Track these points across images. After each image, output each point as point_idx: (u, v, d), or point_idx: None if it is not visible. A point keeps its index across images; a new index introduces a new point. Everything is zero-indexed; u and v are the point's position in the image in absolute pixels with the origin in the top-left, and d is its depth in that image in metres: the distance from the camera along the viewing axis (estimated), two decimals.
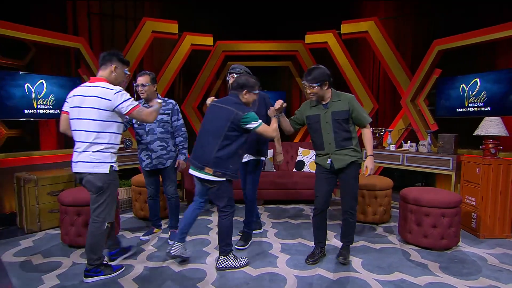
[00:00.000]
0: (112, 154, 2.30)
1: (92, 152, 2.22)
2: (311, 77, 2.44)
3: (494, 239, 3.20)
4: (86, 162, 2.23)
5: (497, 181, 3.19)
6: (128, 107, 2.26)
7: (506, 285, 2.34)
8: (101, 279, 2.37)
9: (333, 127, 2.50)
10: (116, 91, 2.25)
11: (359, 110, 2.52)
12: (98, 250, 2.36)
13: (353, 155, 2.53)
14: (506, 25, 3.67)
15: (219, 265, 2.53)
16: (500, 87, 3.76)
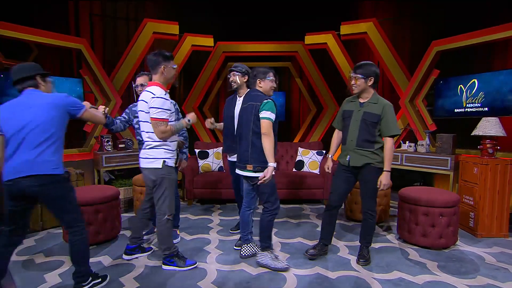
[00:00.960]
0: (165, 150, 2.38)
1: (147, 149, 2.39)
2: (360, 69, 2.50)
3: (491, 238, 3.20)
4: (143, 158, 2.42)
5: (495, 181, 3.19)
6: (151, 115, 2.29)
7: (503, 283, 2.34)
8: (174, 270, 2.50)
9: (360, 127, 2.51)
10: (154, 96, 2.29)
11: (389, 119, 2.48)
12: (165, 241, 2.50)
13: (371, 157, 2.50)
14: (503, 26, 3.67)
15: (259, 260, 2.57)
16: (497, 88, 3.76)
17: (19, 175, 1.88)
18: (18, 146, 1.91)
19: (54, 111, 1.97)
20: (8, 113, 1.96)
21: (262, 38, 5.78)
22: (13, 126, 1.93)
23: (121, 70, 4.75)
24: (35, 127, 1.92)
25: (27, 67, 2.04)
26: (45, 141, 1.94)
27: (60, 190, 2.00)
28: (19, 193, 1.93)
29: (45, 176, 1.91)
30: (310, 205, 4.40)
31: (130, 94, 5.41)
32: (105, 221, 3.00)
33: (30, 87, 2.01)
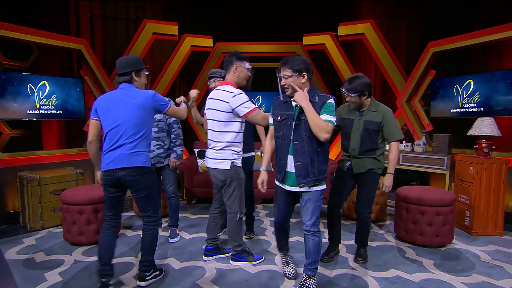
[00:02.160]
0: (233, 152, 2.42)
1: (216, 150, 2.43)
2: (351, 86, 2.41)
3: (487, 237, 3.21)
4: (212, 159, 2.46)
5: (490, 180, 3.20)
6: (245, 111, 2.33)
7: (498, 281, 2.35)
8: (244, 264, 2.57)
9: (362, 136, 2.46)
10: (234, 94, 2.33)
11: (390, 125, 2.44)
12: (236, 238, 2.57)
13: (373, 163, 2.49)
14: (498, 27, 3.69)
15: None
16: (493, 88, 3.77)
17: (116, 167, 2.07)
18: (116, 141, 2.08)
19: (144, 110, 2.12)
20: (105, 107, 2.14)
21: (261, 38, 5.78)
22: (110, 121, 2.11)
23: None
24: (129, 125, 2.08)
25: (125, 63, 2.17)
26: (138, 137, 2.10)
27: (148, 181, 2.17)
28: (116, 182, 2.10)
29: (137, 168, 2.09)
30: None
31: None
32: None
33: (125, 82, 2.17)
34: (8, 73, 3.80)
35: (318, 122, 1.95)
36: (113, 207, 2.21)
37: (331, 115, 2.02)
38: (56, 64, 4.65)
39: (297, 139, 2.05)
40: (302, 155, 2.04)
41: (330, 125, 1.98)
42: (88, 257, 2.72)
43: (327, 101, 2.05)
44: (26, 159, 3.77)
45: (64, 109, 4.10)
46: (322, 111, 2.02)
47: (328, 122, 1.98)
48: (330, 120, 1.99)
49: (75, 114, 4.22)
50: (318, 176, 2.05)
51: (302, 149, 2.04)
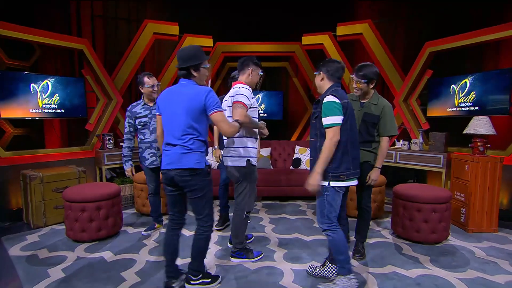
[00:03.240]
0: (248, 149, 2.47)
1: (232, 147, 2.48)
2: (362, 73, 2.42)
3: (481, 233, 3.23)
4: (228, 156, 2.50)
5: (485, 178, 3.21)
6: (235, 98, 2.35)
7: (492, 276, 2.37)
8: (244, 261, 2.58)
9: (359, 127, 2.48)
10: (243, 86, 2.41)
11: (387, 119, 2.44)
12: (239, 235, 2.58)
13: (368, 156, 2.49)
14: (493, 28, 3.69)
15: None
16: (488, 88, 3.78)
17: (169, 167, 1.99)
18: (170, 140, 2.01)
19: (198, 102, 1.96)
20: (165, 102, 2.06)
21: (260, 38, 5.78)
22: (166, 118, 2.05)
23: (122, 70, 4.73)
24: (181, 123, 1.97)
25: (183, 57, 2.02)
26: (192, 136, 1.98)
27: (202, 183, 2.02)
28: (171, 181, 2.03)
29: (189, 169, 1.97)
30: (307, 201, 4.41)
31: (131, 93, 5.40)
32: (107, 217, 3.00)
33: (184, 77, 2.06)
34: (10, 72, 3.79)
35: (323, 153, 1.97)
36: (174, 206, 2.12)
37: (330, 115, 1.97)
38: (58, 63, 4.64)
39: (313, 137, 2.15)
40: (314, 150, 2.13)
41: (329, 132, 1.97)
42: (90, 254, 2.73)
43: (323, 100, 2.02)
44: (29, 157, 3.77)
45: (66, 108, 4.10)
46: (322, 113, 2.01)
47: (329, 126, 1.97)
48: (331, 123, 1.97)
49: (77, 113, 4.22)
50: None
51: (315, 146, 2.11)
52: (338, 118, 1.97)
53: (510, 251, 2.82)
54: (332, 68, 2.10)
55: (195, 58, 2.02)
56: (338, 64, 2.12)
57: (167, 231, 2.14)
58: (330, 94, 2.01)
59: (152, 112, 3.07)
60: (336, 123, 1.97)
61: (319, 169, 1.98)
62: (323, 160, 1.97)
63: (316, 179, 1.99)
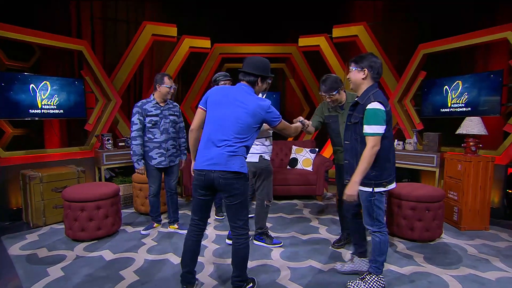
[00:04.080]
0: (260, 147, 2.66)
1: None
2: (327, 87, 2.45)
3: (474, 231, 3.25)
4: None
5: (477, 177, 3.24)
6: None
7: (483, 273, 2.39)
8: (263, 245, 2.83)
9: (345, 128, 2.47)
10: None
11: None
12: (259, 221, 2.84)
13: None
14: (485, 31, 3.73)
15: None
16: (479, 89, 3.81)
17: (212, 168, 1.86)
18: (216, 140, 1.88)
19: (253, 119, 1.90)
20: (217, 100, 1.95)
21: (258, 40, 5.79)
22: (215, 117, 1.92)
23: (121, 71, 4.72)
24: (233, 128, 1.87)
25: (256, 64, 1.95)
26: (239, 141, 1.89)
27: (243, 188, 1.93)
28: (209, 183, 1.89)
29: (233, 173, 1.86)
30: (304, 201, 4.42)
31: (129, 94, 5.39)
32: (106, 217, 3.00)
33: (247, 83, 1.97)
34: (10, 73, 3.77)
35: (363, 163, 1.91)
36: (200, 211, 2.00)
37: (373, 124, 1.88)
38: (57, 64, 4.62)
39: (348, 139, 2.13)
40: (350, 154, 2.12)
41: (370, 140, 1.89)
42: (90, 253, 2.72)
43: (366, 107, 1.92)
44: (28, 157, 3.75)
45: (66, 108, 4.08)
46: (364, 121, 1.94)
47: (371, 135, 1.89)
48: (373, 133, 1.89)
49: (76, 113, 4.20)
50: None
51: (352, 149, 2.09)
52: (381, 128, 1.89)
53: (501, 248, 2.85)
54: (377, 65, 1.97)
55: (267, 71, 2.00)
56: (379, 60, 2.01)
57: (189, 237, 2.03)
58: (376, 101, 1.90)
59: (163, 113, 3.01)
60: (378, 133, 1.89)
61: (358, 178, 1.92)
62: (363, 170, 1.90)
63: (355, 189, 1.94)
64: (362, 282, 2.12)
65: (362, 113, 1.96)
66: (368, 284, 2.10)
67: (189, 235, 2.03)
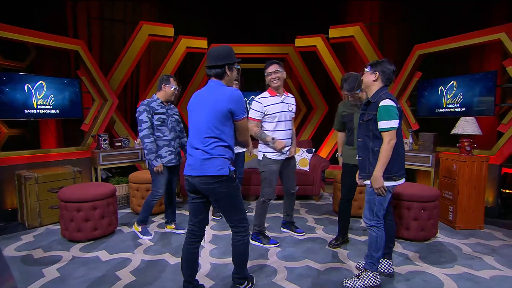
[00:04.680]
0: (265, 146, 2.76)
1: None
2: (350, 86, 2.53)
3: (468, 230, 3.28)
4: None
5: (472, 177, 3.26)
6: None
7: (478, 271, 2.41)
8: (260, 246, 2.83)
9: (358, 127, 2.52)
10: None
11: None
12: (257, 219, 2.88)
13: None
14: (479, 32, 3.75)
15: None
16: (474, 90, 3.84)
17: (191, 173, 1.86)
18: (193, 145, 1.89)
19: (220, 110, 1.82)
20: (193, 104, 1.95)
21: (254, 40, 5.79)
22: (192, 122, 1.93)
23: (117, 71, 4.70)
24: (205, 127, 1.84)
25: (221, 54, 1.88)
26: (213, 141, 1.83)
27: (226, 190, 1.86)
28: (194, 188, 1.89)
29: (211, 177, 1.81)
30: (300, 201, 4.42)
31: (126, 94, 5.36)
32: (102, 217, 2.98)
33: (216, 76, 1.92)
34: (5, 73, 3.73)
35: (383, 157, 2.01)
36: (195, 215, 1.95)
37: (387, 119, 1.99)
38: (53, 64, 4.58)
39: (361, 137, 2.20)
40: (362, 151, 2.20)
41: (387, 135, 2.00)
42: (86, 253, 2.70)
43: (379, 105, 2.02)
44: (24, 157, 3.72)
45: (62, 108, 4.05)
46: (378, 118, 2.03)
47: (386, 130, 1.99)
48: (388, 127, 1.99)
49: (73, 113, 4.17)
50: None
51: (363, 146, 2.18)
52: (395, 122, 1.99)
53: (495, 247, 2.87)
54: (389, 71, 2.09)
55: (230, 57, 1.91)
56: (393, 67, 2.12)
57: (185, 244, 1.96)
58: (388, 98, 2.01)
59: (169, 112, 3.00)
60: (393, 127, 1.99)
61: (380, 172, 2.02)
62: (383, 163, 2.01)
63: (380, 181, 2.03)
64: (358, 279, 2.15)
65: (375, 111, 2.05)
66: (364, 281, 2.13)
67: (186, 242, 1.98)
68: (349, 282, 2.16)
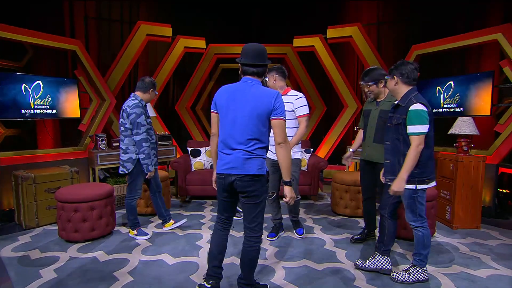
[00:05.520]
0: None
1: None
2: (367, 77, 2.53)
3: (465, 230, 3.29)
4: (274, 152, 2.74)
5: (469, 176, 3.27)
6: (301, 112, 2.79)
7: (475, 271, 2.42)
8: None
9: (377, 124, 2.56)
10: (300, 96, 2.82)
11: None
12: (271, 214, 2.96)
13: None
14: (476, 32, 3.77)
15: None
16: (471, 90, 3.85)
17: (231, 172, 1.83)
18: (231, 142, 1.83)
19: (264, 110, 1.79)
20: (228, 99, 1.86)
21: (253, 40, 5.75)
22: (229, 116, 1.84)
23: (115, 71, 4.69)
24: (246, 127, 1.80)
25: (263, 53, 1.85)
26: (254, 142, 1.81)
27: (260, 189, 1.86)
28: (229, 186, 1.87)
29: (251, 176, 1.81)
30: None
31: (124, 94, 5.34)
32: (100, 217, 2.97)
33: (254, 76, 1.87)
34: (2, 73, 3.71)
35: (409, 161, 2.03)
36: (226, 211, 1.99)
37: (417, 124, 2.00)
38: (50, 64, 4.57)
39: (389, 140, 2.23)
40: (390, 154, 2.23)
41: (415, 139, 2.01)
42: (83, 254, 2.69)
43: (409, 109, 2.03)
44: (21, 158, 3.70)
45: (59, 108, 4.03)
46: (407, 122, 2.04)
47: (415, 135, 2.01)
48: (418, 132, 2.00)
49: (70, 113, 4.16)
50: None
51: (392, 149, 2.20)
52: (425, 127, 2.00)
53: (492, 246, 2.89)
54: (407, 70, 2.07)
55: (267, 58, 1.88)
56: (412, 65, 2.09)
57: (216, 232, 2.01)
58: (419, 102, 2.02)
59: None
60: (422, 132, 2.00)
61: (405, 176, 2.03)
62: (409, 167, 2.02)
63: (402, 185, 2.05)
64: (407, 273, 2.24)
65: (404, 114, 2.06)
66: (413, 276, 2.22)
67: (218, 230, 2.01)
68: (397, 275, 2.25)
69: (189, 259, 2.60)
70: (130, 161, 2.86)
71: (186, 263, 2.54)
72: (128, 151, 2.87)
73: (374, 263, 2.37)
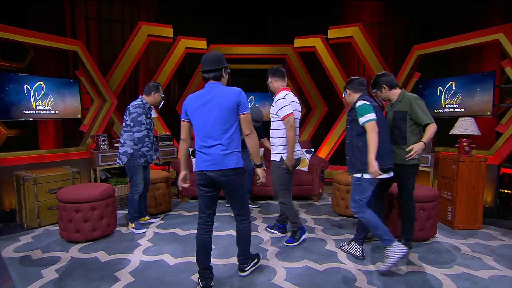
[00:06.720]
0: (283, 147, 2.78)
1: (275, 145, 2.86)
2: (371, 86, 2.69)
3: (467, 230, 3.28)
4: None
5: (470, 177, 3.27)
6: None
7: (476, 271, 2.41)
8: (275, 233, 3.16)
9: (392, 125, 2.62)
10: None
11: (417, 111, 2.49)
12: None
13: (402, 156, 2.53)
14: (477, 32, 3.77)
15: None
16: (472, 90, 3.85)
17: (211, 168, 2.01)
18: (207, 140, 2.02)
19: (229, 105, 2.00)
20: (196, 105, 2.04)
21: (254, 41, 5.79)
22: (201, 119, 2.03)
23: (116, 72, 4.70)
24: (218, 125, 2.00)
25: (216, 59, 2.07)
26: (227, 137, 2.01)
27: (240, 181, 2.09)
28: (210, 182, 2.05)
29: (231, 169, 2.02)
30: (300, 201, 4.43)
31: (125, 95, 5.36)
32: (101, 218, 2.98)
33: (213, 80, 2.07)
34: (4, 73, 3.73)
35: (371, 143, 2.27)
36: (209, 207, 2.12)
37: (365, 114, 2.29)
38: (52, 65, 4.59)
39: (349, 139, 2.50)
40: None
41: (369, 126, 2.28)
42: (85, 254, 2.70)
43: (355, 106, 2.37)
44: (22, 158, 3.71)
45: (60, 109, 4.05)
46: (357, 116, 2.34)
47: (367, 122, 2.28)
48: (367, 120, 2.28)
49: (72, 114, 4.17)
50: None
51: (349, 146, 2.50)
52: (372, 115, 2.29)
53: (493, 247, 2.88)
54: (354, 84, 2.49)
55: (223, 61, 2.10)
56: (358, 79, 2.52)
57: (200, 234, 2.12)
58: (360, 99, 2.38)
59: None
60: (372, 119, 2.28)
61: (372, 155, 2.26)
62: (372, 148, 2.26)
63: (374, 166, 2.26)
64: (387, 258, 2.32)
65: (354, 112, 2.40)
66: (392, 256, 2.30)
67: (199, 233, 2.13)
68: (383, 265, 2.35)
69: (190, 260, 2.60)
70: (125, 154, 3.08)
71: (187, 263, 2.54)
72: (125, 145, 3.08)
73: (348, 248, 2.69)
